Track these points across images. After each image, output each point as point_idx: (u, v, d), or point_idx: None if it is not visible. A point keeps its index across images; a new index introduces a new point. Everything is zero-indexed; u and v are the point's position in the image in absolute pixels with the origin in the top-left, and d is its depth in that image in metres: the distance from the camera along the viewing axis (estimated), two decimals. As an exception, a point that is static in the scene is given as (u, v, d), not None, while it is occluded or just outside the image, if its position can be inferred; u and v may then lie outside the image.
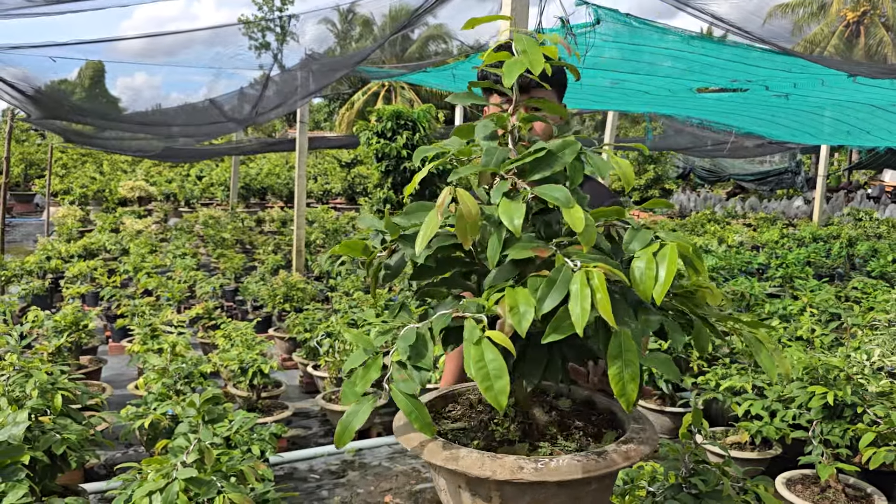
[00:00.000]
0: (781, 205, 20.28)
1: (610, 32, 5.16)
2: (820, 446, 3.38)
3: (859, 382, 3.57)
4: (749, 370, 4.43)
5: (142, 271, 8.13)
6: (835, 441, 3.39)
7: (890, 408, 3.44)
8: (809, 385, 3.51)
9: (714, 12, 5.33)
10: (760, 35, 5.40)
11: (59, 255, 9.62)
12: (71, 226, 12.68)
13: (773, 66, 6.00)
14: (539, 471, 0.93)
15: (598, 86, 7.55)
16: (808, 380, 3.56)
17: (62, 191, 16.89)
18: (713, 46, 5.85)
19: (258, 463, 2.70)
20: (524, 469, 0.94)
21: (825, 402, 3.38)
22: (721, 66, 6.34)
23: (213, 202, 18.95)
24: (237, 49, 7.56)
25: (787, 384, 3.77)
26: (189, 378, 3.99)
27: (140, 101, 17.63)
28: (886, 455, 2.90)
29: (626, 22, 4.91)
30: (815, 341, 4.92)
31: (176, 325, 5.17)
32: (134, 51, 7.74)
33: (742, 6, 5.34)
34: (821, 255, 9.55)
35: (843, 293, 6.99)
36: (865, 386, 3.68)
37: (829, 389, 3.42)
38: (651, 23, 5.01)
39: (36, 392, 2.89)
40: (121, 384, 5.35)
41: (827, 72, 5.82)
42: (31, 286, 7.55)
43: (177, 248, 10.19)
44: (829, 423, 3.44)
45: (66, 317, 5.28)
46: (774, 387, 3.91)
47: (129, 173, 20.14)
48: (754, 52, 5.64)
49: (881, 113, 8.32)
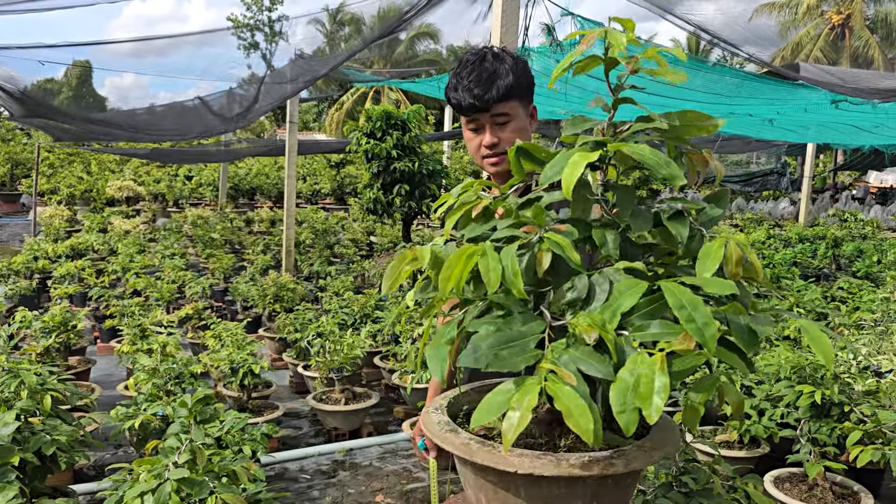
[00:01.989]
0: (768, 206, 20.43)
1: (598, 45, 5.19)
2: (808, 445, 3.42)
3: (846, 381, 3.61)
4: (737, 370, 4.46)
5: (130, 271, 8.09)
6: (822, 440, 3.42)
7: (877, 406, 3.48)
8: (797, 384, 3.55)
9: (698, 22, 5.37)
10: (745, 38, 5.44)
11: (46, 255, 9.56)
12: (58, 226, 12.60)
13: (757, 94, 6.03)
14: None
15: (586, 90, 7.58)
16: (796, 379, 3.60)
17: (49, 190, 16.77)
18: (699, 73, 5.89)
19: (250, 463, 2.70)
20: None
21: (812, 400, 3.42)
22: (703, 97, 6.37)
23: (202, 202, 18.86)
24: (226, 49, 7.54)
25: (774, 383, 3.80)
26: (179, 378, 3.98)
27: (128, 100, 17.56)
28: (873, 453, 2.94)
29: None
30: (803, 341, 4.97)
31: (165, 326, 5.15)
32: (123, 51, 7.71)
33: (727, 10, 5.37)
34: (807, 256, 9.64)
35: (830, 293, 7.05)
36: (852, 385, 3.72)
37: (816, 388, 3.45)
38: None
39: (25, 393, 2.87)
40: (110, 385, 5.32)
41: (809, 99, 5.87)
42: (17, 286, 7.50)
43: (165, 248, 10.13)
44: (817, 422, 3.47)
45: (55, 317, 5.26)
46: (763, 386, 3.95)
47: (116, 173, 19.99)
48: (743, 81, 5.68)
49: (865, 134, 8.41)
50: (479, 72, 1.81)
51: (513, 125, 1.86)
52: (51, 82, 11.45)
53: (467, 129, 1.91)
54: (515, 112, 1.86)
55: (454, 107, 1.89)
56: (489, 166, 1.90)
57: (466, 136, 1.94)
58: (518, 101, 1.86)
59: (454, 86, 1.85)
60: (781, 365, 3.67)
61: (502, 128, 1.85)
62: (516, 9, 4.12)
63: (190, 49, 7.64)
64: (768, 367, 3.83)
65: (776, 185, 22.68)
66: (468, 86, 1.81)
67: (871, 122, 7.47)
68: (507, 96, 1.81)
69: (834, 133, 10.23)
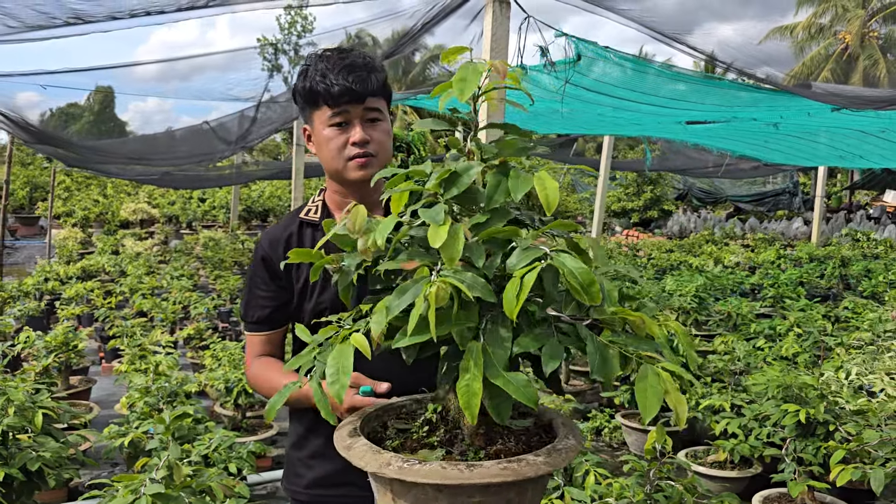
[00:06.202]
0: (781, 225, 20.30)
1: (586, 64, 5.26)
2: (792, 464, 3.40)
3: (834, 400, 3.59)
4: (729, 389, 4.46)
5: (138, 293, 8.19)
6: (808, 459, 3.41)
7: (864, 425, 3.46)
8: (783, 403, 3.54)
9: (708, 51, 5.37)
10: (758, 61, 5.42)
11: (56, 276, 9.70)
12: (71, 248, 12.80)
13: (758, 101, 6.07)
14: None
15: (590, 113, 7.63)
16: (782, 397, 3.59)
17: (65, 213, 17.04)
18: (696, 84, 5.93)
19: (228, 479, 2.74)
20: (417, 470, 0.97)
21: (798, 420, 3.41)
22: (707, 102, 6.41)
23: (215, 224, 19.08)
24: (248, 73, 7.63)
25: (763, 402, 3.79)
26: (172, 397, 4.04)
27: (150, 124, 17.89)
28: (853, 472, 2.92)
29: (604, 56, 5.00)
30: (799, 360, 4.95)
31: (164, 346, 5.22)
32: (147, 76, 7.82)
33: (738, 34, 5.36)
34: (814, 276, 9.58)
35: (833, 313, 7.01)
36: (841, 404, 3.70)
37: (802, 407, 3.44)
38: (631, 57, 5.10)
39: (12, 409, 2.93)
40: (109, 404, 5.39)
41: (812, 103, 5.89)
42: (26, 307, 7.62)
43: (175, 269, 10.26)
44: (803, 441, 3.46)
45: (57, 337, 5.34)
46: (752, 405, 3.94)
47: (132, 195, 20.32)
48: (741, 89, 5.71)
49: (871, 139, 8.37)
50: (353, 59, 1.65)
51: (383, 126, 1.69)
52: (74, 107, 11.68)
53: (329, 127, 1.67)
54: (385, 114, 1.71)
55: (320, 95, 1.64)
56: (355, 169, 1.67)
57: (326, 136, 1.69)
58: (386, 103, 1.72)
59: (322, 72, 1.63)
60: (767, 385, 3.66)
61: (373, 126, 1.67)
62: (506, 32, 4.20)
63: (214, 74, 7.74)
64: (756, 385, 3.82)
65: (788, 205, 22.55)
66: (342, 72, 1.61)
67: (877, 126, 7.42)
68: (382, 92, 1.68)
69: (841, 154, 10.19)
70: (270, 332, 1.88)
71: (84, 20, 2.88)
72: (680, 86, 5.94)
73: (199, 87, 7.78)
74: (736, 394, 4.26)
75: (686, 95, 6.18)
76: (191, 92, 8.14)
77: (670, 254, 12.52)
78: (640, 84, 5.90)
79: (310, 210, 1.84)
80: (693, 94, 6.12)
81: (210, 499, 2.60)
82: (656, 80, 5.83)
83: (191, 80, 7.97)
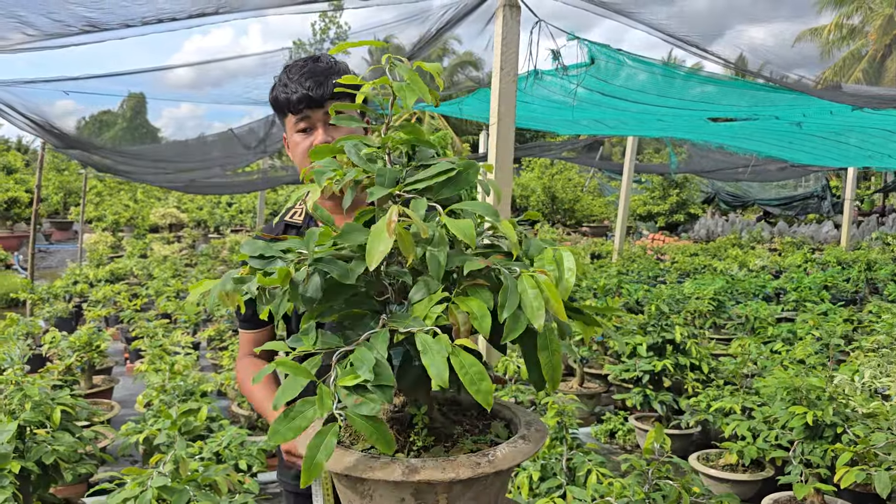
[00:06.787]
0: (811, 229, 20.01)
1: (601, 67, 5.27)
2: (800, 466, 3.38)
3: (843, 403, 3.56)
4: (741, 392, 4.43)
5: (163, 295, 8.36)
6: (815, 461, 3.38)
7: (874, 428, 3.43)
8: (791, 405, 3.52)
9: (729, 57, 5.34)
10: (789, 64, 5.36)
11: (86, 279, 9.93)
12: (101, 252, 13.08)
13: (775, 101, 6.04)
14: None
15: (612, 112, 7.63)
16: (791, 400, 3.57)
17: (96, 218, 17.41)
18: (714, 82, 5.92)
19: (235, 475, 2.81)
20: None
21: (805, 422, 3.39)
22: (728, 101, 6.39)
23: (243, 228, 19.35)
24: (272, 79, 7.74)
25: (773, 404, 3.77)
26: (187, 396, 4.13)
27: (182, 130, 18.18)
28: (858, 474, 2.90)
29: (617, 59, 5.01)
30: (813, 362, 4.90)
31: (184, 346, 5.34)
32: (181, 82, 7.95)
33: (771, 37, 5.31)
34: (840, 280, 9.43)
35: (856, 317, 6.91)
36: (852, 406, 3.67)
37: (809, 409, 3.42)
38: (643, 59, 5.10)
39: (29, 405, 3.03)
40: (131, 403, 5.51)
41: (832, 103, 5.85)
42: (55, 309, 7.81)
43: (200, 272, 10.44)
44: (811, 443, 3.43)
45: (81, 337, 5.48)
46: (763, 408, 3.91)
47: (162, 200, 20.69)
48: (758, 88, 5.68)
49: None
50: (313, 68, 1.73)
51: (347, 129, 1.73)
52: (107, 114, 11.95)
53: (295, 133, 1.77)
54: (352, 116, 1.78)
55: (283, 104, 1.75)
56: None
57: (294, 141, 1.79)
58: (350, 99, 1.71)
59: (284, 82, 1.74)
60: (778, 386, 3.64)
61: (337, 129, 1.73)
62: (516, 35, 4.24)
63: (245, 79, 7.85)
64: (766, 388, 3.80)
65: (817, 209, 22.21)
66: (300, 80, 1.71)
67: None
68: (346, 95, 1.70)
69: (869, 153, 10.03)
70: (258, 329, 1.95)
71: (99, 28, 2.98)
72: (704, 86, 5.93)
73: (229, 92, 7.91)
74: (747, 396, 4.23)
75: (706, 97, 6.17)
76: (221, 97, 8.28)
77: (694, 257, 12.41)
78: (659, 85, 5.91)
79: (294, 213, 1.91)
80: (712, 94, 6.10)
81: (215, 493, 2.67)
82: (672, 81, 5.83)
83: (222, 85, 8.10)
